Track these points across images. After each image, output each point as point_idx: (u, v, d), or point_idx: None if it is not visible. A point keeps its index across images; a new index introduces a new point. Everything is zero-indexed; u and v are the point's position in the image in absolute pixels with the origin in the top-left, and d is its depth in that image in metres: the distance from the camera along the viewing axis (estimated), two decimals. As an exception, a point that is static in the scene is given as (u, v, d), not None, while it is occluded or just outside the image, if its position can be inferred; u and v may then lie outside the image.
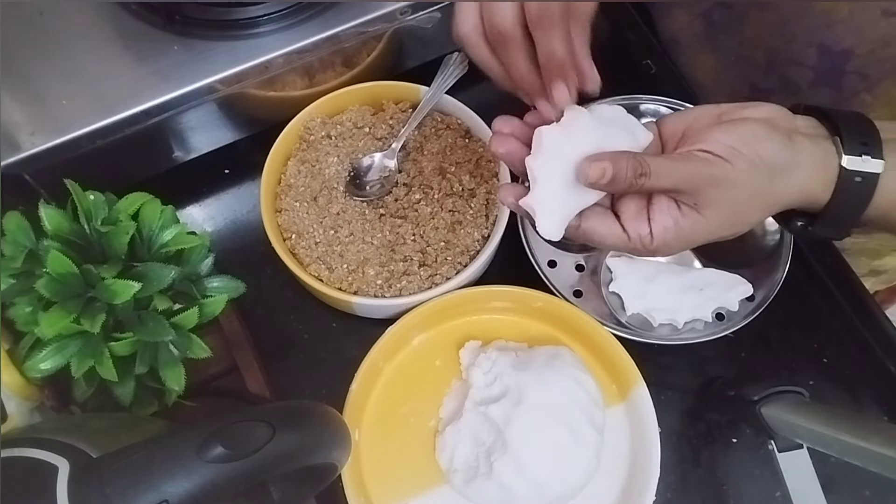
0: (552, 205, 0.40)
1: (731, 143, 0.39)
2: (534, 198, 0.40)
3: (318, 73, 0.59)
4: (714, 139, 0.40)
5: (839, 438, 0.44)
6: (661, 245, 0.41)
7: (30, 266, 0.41)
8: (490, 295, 0.57)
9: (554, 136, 0.40)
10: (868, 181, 0.41)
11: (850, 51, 0.55)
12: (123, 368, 0.42)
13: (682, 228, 0.40)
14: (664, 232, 0.40)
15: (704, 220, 0.40)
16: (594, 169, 0.38)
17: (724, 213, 0.40)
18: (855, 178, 0.41)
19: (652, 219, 0.41)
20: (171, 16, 0.54)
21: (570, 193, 0.40)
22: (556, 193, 0.40)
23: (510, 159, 0.42)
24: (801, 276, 0.61)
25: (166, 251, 0.45)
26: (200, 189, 0.64)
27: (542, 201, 0.40)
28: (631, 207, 0.41)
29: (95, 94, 0.52)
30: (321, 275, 0.55)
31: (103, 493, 0.31)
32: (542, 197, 0.40)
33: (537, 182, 0.40)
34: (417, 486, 0.53)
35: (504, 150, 0.42)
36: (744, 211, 0.41)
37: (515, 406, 0.51)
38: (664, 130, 0.44)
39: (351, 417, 0.52)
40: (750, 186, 0.40)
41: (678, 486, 0.56)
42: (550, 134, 0.40)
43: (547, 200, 0.40)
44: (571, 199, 0.41)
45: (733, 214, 0.41)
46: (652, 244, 0.41)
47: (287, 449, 0.34)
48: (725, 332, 0.56)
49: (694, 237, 0.41)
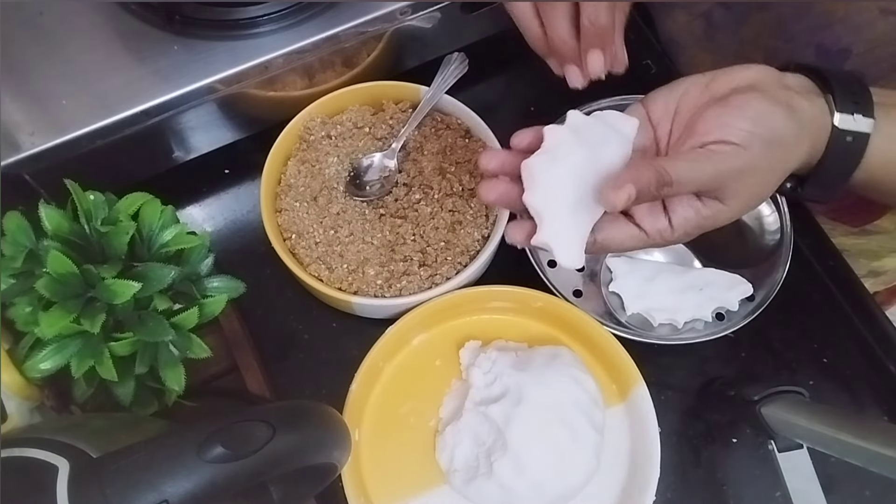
0: (566, 234, 0.39)
1: (746, 128, 0.38)
2: (546, 233, 0.39)
3: (318, 73, 0.59)
4: (730, 125, 0.39)
5: (839, 438, 0.44)
6: (681, 236, 0.40)
7: (30, 266, 0.41)
8: (490, 295, 0.57)
9: (544, 166, 0.39)
10: (858, 141, 0.40)
11: (848, 50, 0.55)
12: (123, 368, 0.42)
13: (705, 217, 0.40)
14: (685, 223, 0.40)
15: (726, 209, 0.40)
16: (620, 196, 0.37)
17: (746, 198, 0.40)
18: (846, 138, 0.40)
19: (671, 210, 0.40)
20: (171, 16, 0.54)
21: (578, 216, 0.39)
22: (565, 221, 0.39)
23: (505, 202, 0.42)
24: (801, 276, 0.61)
25: (166, 251, 0.45)
26: (200, 189, 0.64)
27: (555, 234, 0.39)
28: (643, 206, 0.41)
29: (95, 94, 0.52)
30: (321, 275, 0.55)
31: (103, 493, 0.31)
32: (554, 230, 0.39)
33: (543, 217, 0.39)
34: (417, 486, 0.53)
35: (495, 197, 0.41)
36: (761, 191, 0.41)
37: (515, 406, 0.51)
38: (652, 109, 0.43)
39: (351, 417, 0.52)
40: (766, 167, 0.39)
41: (678, 486, 0.56)
42: (539, 165, 0.39)
43: (560, 231, 0.39)
44: (581, 221, 0.40)
45: (754, 196, 0.40)
46: (672, 235, 0.40)
47: (287, 449, 0.34)
48: (725, 332, 0.56)
49: (714, 224, 0.40)
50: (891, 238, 0.68)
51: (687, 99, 0.42)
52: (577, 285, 0.59)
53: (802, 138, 0.40)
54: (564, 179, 0.39)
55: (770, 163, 0.39)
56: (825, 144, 0.41)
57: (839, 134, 0.40)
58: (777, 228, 0.61)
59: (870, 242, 0.70)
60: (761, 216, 0.62)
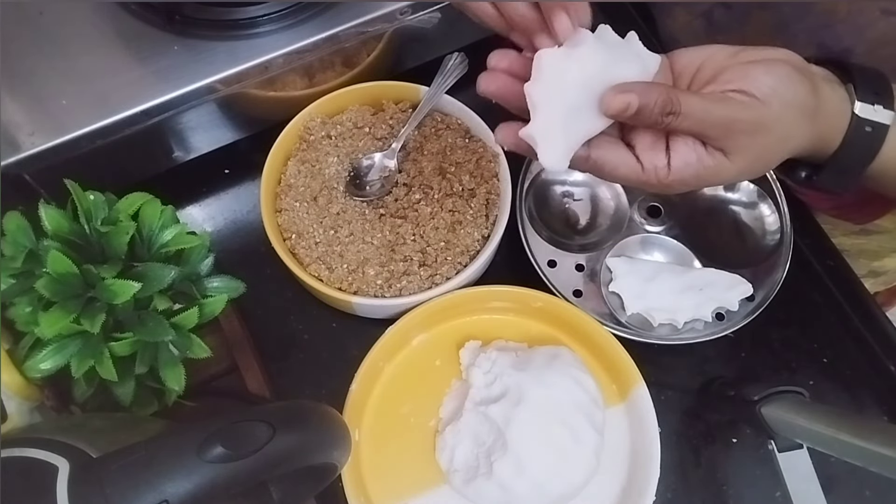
0: (556, 133, 0.37)
1: (769, 84, 0.37)
2: (534, 127, 0.37)
3: (318, 73, 0.59)
4: (754, 77, 0.38)
5: (839, 438, 0.44)
6: (676, 180, 0.38)
7: (30, 266, 0.41)
8: (490, 295, 0.57)
9: (555, 59, 0.37)
10: (878, 131, 0.40)
11: (850, 50, 0.55)
12: (123, 368, 0.42)
13: (706, 167, 0.38)
14: (684, 167, 0.38)
15: (729, 165, 0.38)
16: (618, 101, 0.35)
17: (751, 158, 0.38)
18: (865, 128, 0.40)
19: (673, 150, 0.38)
20: (171, 16, 0.54)
21: (574, 121, 0.38)
22: (559, 121, 0.37)
23: (502, 95, 0.39)
24: (801, 276, 0.61)
25: (166, 251, 0.45)
26: (200, 189, 0.64)
27: (543, 129, 0.37)
28: (646, 138, 0.39)
29: (95, 94, 0.52)
30: (321, 275, 0.55)
31: (103, 493, 0.31)
32: (544, 125, 0.37)
33: (538, 110, 0.37)
34: (417, 486, 0.53)
35: (495, 88, 0.39)
36: (768, 156, 0.40)
37: (515, 406, 0.51)
38: (676, 61, 0.42)
39: (351, 417, 0.52)
40: (779, 131, 0.38)
41: (678, 486, 0.56)
42: (552, 58, 0.37)
43: (550, 128, 0.37)
44: (576, 127, 0.38)
45: (758, 160, 0.39)
46: (668, 177, 0.38)
47: (287, 449, 0.34)
48: (725, 332, 0.56)
49: (713, 180, 0.39)
50: (891, 238, 0.68)
51: (712, 60, 0.41)
52: (577, 285, 0.59)
53: (818, 118, 0.39)
54: (572, 80, 0.37)
55: (782, 128, 0.38)
56: (842, 133, 0.40)
57: (859, 122, 0.40)
58: (777, 228, 0.61)
59: (870, 242, 0.70)
60: (761, 216, 0.62)
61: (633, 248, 0.61)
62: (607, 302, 0.59)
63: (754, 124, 0.37)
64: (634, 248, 0.61)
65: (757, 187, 0.62)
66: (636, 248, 0.61)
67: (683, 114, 0.36)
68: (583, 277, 0.60)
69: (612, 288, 0.59)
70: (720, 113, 0.37)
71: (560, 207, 0.63)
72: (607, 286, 0.59)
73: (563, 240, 0.61)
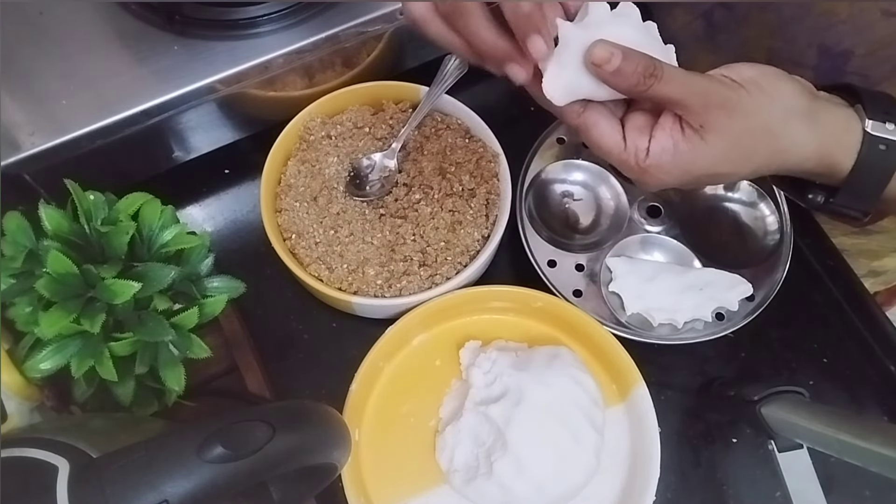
0: (567, 71, 0.39)
1: (752, 76, 0.39)
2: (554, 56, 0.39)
3: (318, 73, 0.59)
4: (737, 67, 0.40)
5: (839, 438, 0.44)
6: (653, 165, 0.40)
7: (30, 266, 0.41)
8: (490, 295, 0.57)
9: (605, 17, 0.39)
10: (892, 150, 0.40)
11: (850, 51, 0.55)
12: (123, 368, 0.42)
13: (681, 152, 0.39)
14: (661, 153, 0.39)
15: (705, 146, 0.39)
16: (602, 49, 0.36)
17: (728, 142, 0.39)
18: (879, 146, 0.40)
19: (653, 137, 0.40)
20: (171, 16, 0.54)
21: (586, 75, 0.39)
22: (575, 64, 0.39)
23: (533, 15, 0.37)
24: (801, 276, 0.61)
25: (166, 251, 0.45)
26: (200, 189, 0.64)
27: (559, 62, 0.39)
28: (638, 120, 0.41)
29: (95, 94, 0.52)
30: (321, 275, 0.55)
31: (103, 493, 0.31)
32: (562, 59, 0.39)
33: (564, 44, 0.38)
34: (417, 486, 0.53)
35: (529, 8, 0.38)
36: (748, 145, 0.40)
37: (515, 406, 0.51)
38: None
39: (351, 417, 0.52)
40: (760, 119, 0.39)
41: (678, 486, 0.56)
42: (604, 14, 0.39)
43: (565, 65, 0.39)
44: (586, 80, 0.39)
45: (736, 146, 0.40)
46: (645, 161, 0.40)
47: (287, 449, 0.34)
48: (725, 332, 0.56)
49: (690, 165, 0.40)
50: (891, 238, 0.68)
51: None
52: (577, 285, 0.59)
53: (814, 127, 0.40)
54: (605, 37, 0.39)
55: (764, 118, 0.39)
56: (853, 151, 0.41)
57: (872, 141, 0.40)
58: (777, 228, 0.61)
59: (870, 242, 0.70)
60: (761, 216, 0.62)
61: (633, 247, 0.61)
62: (607, 302, 0.58)
63: (730, 102, 0.38)
64: (634, 248, 0.61)
65: (757, 187, 0.62)
66: (636, 247, 0.61)
67: (665, 78, 0.37)
68: (583, 277, 0.60)
69: (612, 288, 0.59)
70: (697, 81, 0.38)
71: (560, 207, 0.63)
72: (607, 286, 0.59)
73: (563, 240, 0.61)
